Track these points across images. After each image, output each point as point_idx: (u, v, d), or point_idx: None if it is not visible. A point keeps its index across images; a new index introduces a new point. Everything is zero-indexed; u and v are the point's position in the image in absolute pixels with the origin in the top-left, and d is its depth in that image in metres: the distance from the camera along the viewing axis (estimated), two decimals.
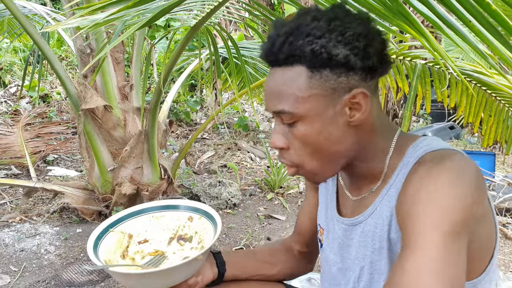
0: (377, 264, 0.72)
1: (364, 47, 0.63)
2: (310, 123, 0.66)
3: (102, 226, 0.86)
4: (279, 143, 0.69)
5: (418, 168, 0.65)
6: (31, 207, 2.51)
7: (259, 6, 1.66)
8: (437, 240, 0.54)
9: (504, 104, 2.04)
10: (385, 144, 0.71)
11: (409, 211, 0.60)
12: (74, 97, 2.10)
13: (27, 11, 2.66)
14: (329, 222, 0.84)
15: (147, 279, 0.73)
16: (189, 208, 0.93)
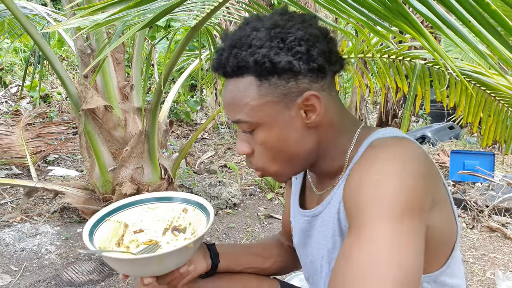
0: (333, 252, 0.74)
1: (306, 50, 0.64)
2: (267, 129, 0.68)
3: (98, 215, 0.88)
4: (243, 150, 0.72)
5: (363, 155, 0.66)
6: (31, 207, 2.52)
7: (259, 6, 1.67)
8: (383, 228, 0.53)
9: (503, 104, 2.04)
10: (346, 140, 0.72)
11: (355, 199, 0.60)
12: (74, 97, 2.11)
13: (28, 11, 2.67)
14: (295, 218, 0.87)
15: (138, 265, 0.74)
16: (184, 200, 0.95)
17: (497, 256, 2.05)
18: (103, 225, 0.87)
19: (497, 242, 2.19)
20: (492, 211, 2.45)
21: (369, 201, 0.57)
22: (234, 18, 2.21)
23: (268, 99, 0.66)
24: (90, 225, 0.84)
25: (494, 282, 1.81)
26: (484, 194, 2.62)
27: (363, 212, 0.57)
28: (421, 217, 0.57)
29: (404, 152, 0.61)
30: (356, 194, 0.60)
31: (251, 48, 0.63)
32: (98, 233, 0.85)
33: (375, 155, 0.63)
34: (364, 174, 0.60)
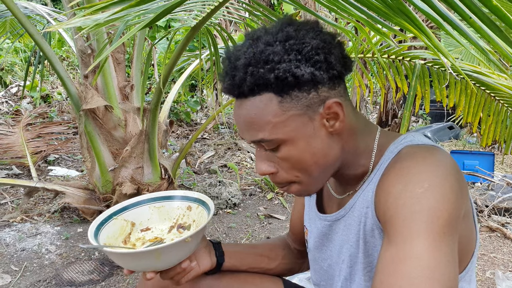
0: (356, 256, 0.73)
1: (325, 58, 0.63)
2: (293, 144, 0.66)
3: (106, 213, 0.89)
4: (267, 170, 0.69)
5: (397, 163, 0.65)
6: (32, 207, 2.52)
7: (259, 6, 1.67)
8: (426, 244, 0.54)
9: (503, 103, 2.04)
10: (367, 145, 0.72)
11: (396, 210, 0.59)
12: (75, 97, 2.11)
13: (28, 11, 2.67)
14: (312, 222, 0.86)
15: (138, 259, 0.76)
16: (187, 198, 0.97)
17: (496, 256, 2.05)
18: (110, 223, 0.89)
19: (497, 242, 2.20)
20: (492, 211, 2.45)
21: (412, 214, 0.57)
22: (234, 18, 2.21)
23: (291, 113, 0.64)
24: (97, 223, 0.86)
25: (493, 282, 1.81)
26: (484, 194, 2.62)
27: (405, 225, 0.57)
28: (456, 229, 0.58)
29: (442, 164, 0.61)
30: (397, 205, 0.59)
31: (268, 64, 0.61)
32: (105, 231, 0.86)
33: (412, 165, 0.62)
34: (406, 185, 0.60)
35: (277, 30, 0.64)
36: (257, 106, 0.64)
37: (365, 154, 0.72)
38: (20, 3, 2.72)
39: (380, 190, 0.65)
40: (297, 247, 1.03)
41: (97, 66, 2.06)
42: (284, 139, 0.65)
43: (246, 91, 0.64)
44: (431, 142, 0.70)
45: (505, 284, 1.76)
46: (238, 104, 0.67)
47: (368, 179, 0.71)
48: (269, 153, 0.68)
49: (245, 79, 0.63)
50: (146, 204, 0.96)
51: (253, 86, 0.63)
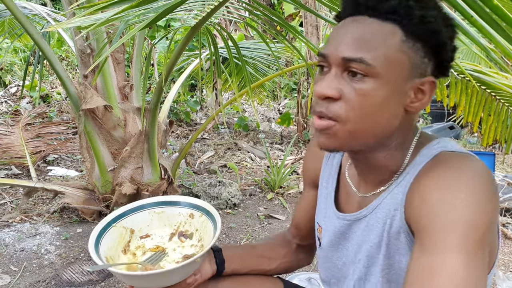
0: (374, 257, 0.72)
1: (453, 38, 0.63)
2: (380, 85, 0.61)
3: (104, 221, 0.87)
4: (331, 91, 0.62)
5: (435, 169, 0.63)
6: (31, 207, 2.51)
7: (259, 5, 1.66)
8: (462, 254, 0.53)
9: (504, 103, 2.04)
10: (408, 142, 0.70)
11: (433, 218, 0.58)
12: (74, 97, 2.10)
13: (28, 11, 2.67)
14: (327, 220, 0.84)
15: (145, 280, 0.75)
16: (190, 205, 0.94)
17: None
18: (109, 232, 0.87)
19: None
20: None
21: (449, 225, 0.56)
22: (234, 18, 2.21)
23: (402, 59, 0.61)
24: (97, 233, 0.84)
25: (494, 282, 1.80)
26: None
27: (440, 235, 0.56)
28: (488, 242, 0.58)
29: (480, 175, 0.60)
30: (434, 214, 0.58)
31: (419, 2, 0.59)
32: (105, 241, 0.84)
33: (451, 173, 0.61)
34: (443, 194, 0.59)
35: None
36: (379, 29, 0.61)
37: (403, 150, 0.70)
38: (20, 3, 2.71)
39: (415, 194, 0.63)
40: (299, 242, 1.01)
41: (96, 66, 2.06)
42: (378, 73, 0.60)
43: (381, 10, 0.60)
44: (465, 149, 0.69)
45: (506, 284, 1.76)
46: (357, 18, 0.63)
47: (397, 180, 0.70)
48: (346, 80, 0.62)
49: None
50: (146, 210, 0.94)
51: (391, 10, 0.60)
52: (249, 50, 2.91)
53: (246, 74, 2.26)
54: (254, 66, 3.03)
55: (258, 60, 3.00)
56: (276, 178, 2.90)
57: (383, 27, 0.60)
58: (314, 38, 4.00)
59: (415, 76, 0.63)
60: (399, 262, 0.69)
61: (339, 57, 0.62)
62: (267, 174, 3.03)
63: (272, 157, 3.59)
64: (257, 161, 3.72)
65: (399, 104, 0.64)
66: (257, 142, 4.22)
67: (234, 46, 2.08)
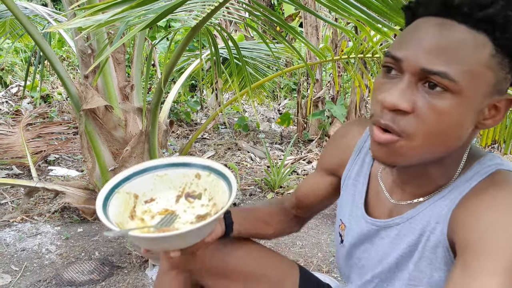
0: (404, 265, 0.71)
1: None
2: (460, 102, 0.55)
3: (106, 188, 0.82)
4: (405, 104, 0.56)
5: (492, 188, 0.60)
6: (32, 206, 2.52)
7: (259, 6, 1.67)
8: (505, 280, 0.51)
9: None
10: (461, 156, 0.66)
11: (481, 240, 0.55)
12: (75, 97, 2.11)
13: (28, 12, 2.67)
14: (353, 220, 0.82)
15: (169, 241, 0.71)
16: (196, 166, 0.89)
17: None
18: (113, 199, 0.82)
19: None
20: None
21: (500, 249, 0.53)
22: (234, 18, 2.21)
23: (488, 75, 0.55)
24: (102, 200, 0.79)
25: None
26: None
27: (488, 257, 0.53)
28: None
29: None
30: (486, 235, 0.55)
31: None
32: (110, 208, 0.79)
33: (507, 195, 0.58)
34: (499, 216, 0.55)
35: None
36: (469, 41, 0.54)
37: (456, 165, 0.66)
38: (21, 3, 2.72)
39: (465, 212, 0.60)
40: (298, 214, 1.02)
41: (97, 66, 2.06)
42: (460, 91, 0.54)
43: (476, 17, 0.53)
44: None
45: None
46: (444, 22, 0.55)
47: (442, 193, 0.67)
48: (418, 92, 0.56)
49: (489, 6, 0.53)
50: (148, 173, 0.88)
51: (487, 19, 0.53)
52: (249, 51, 2.92)
53: (246, 74, 2.26)
54: (254, 66, 3.04)
55: (258, 60, 3.00)
56: (276, 178, 2.90)
57: (473, 37, 0.54)
58: (314, 38, 4.01)
59: (495, 93, 0.58)
60: (429, 277, 0.67)
61: (418, 66, 0.55)
62: (267, 174, 3.04)
63: (272, 157, 3.60)
64: (257, 161, 3.73)
65: (473, 121, 0.59)
66: (257, 142, 4.22)
67: (234, 46, 2.09)
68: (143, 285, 1.74)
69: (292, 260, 1.02)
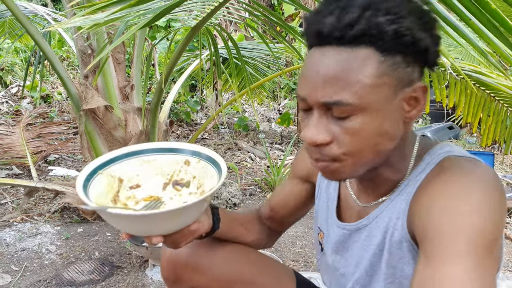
0: (376, 266, 0.72)
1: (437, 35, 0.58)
2: (370, 117, 0.57)
3: (89, 168, 0.76)
4: (322, 138, 0.59)
5: (441, 175, 0.61)
6: (32, 206, 2.52)
7: (259, 6, 1.67)
8: (468, 266, 0.51)
9: (503, 104, 2.04)
10: (409, 150, 0.68)
11: (438, 227, 0.55)
12: (75, 97, 2.11)
13: (28, 12, 2.67)
14: (329, 227, 0.83)
15: (151, 222, 0.67)
16: (185, 152, 0.84)
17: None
18: (96, 180, 0.76)
19: None
20: None
21: (457, 233, 0.53)
22: (234, 18, 2.21)
23: (385, 81, 0.56)
24: (83, 180, 0.73)
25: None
26: None
27: (447, 244, 0.53)
28: (496, 249, 0.56)
29: (488, 180, 0.58)
30: (440, 222, 0.55)
31: (389, 14, 0.54)
32: (92, 189, 0.74)
33: (458, 179, 0.58)
34: (451, 201, 0.56)
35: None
36: (351, 60, 0.55)
37: (405, 160, 0.67)
38: (20, 3, 2.72)
39: (419, 203, 0.61)
40: (270, 225, 1.00)
41: (97, 66, 2.06)
42: (364, 108, 0.56)
43: (349, 36, 0.55)
44: (469, 154, 0.66)
45: (505, 284, 1.76)
46: (322, 52, 0.57)
47: (398, 188, 0.68)
48: (330, 120, 0.59)
49: (357, 22, 0.54)
50: (135, 157, 0.83)
51: (361, 34, 0.54)
52: (249, 51, 2.92)
53: (246, 74, 2.26)
54: (254, 66, 3.04)
55: (258, 60, 3.00)
56: (276, 178, 2.90)
57: (355, 55, 0.55)
58: None
59: (403, 87, 0.59)
60: (401, 271, 0.67)
61: (317, 102, 0.58)
62: (267, 174, 3.04)
63: (272, 157, 3.60)
64: (257, 161, 3.73)
65: (397, 120, 0.61)
66: (257, 142, 4.22)
67: (234, 46, 2.09)
68: (143, 285, 1.74)
69: (288, 266, 1.01)
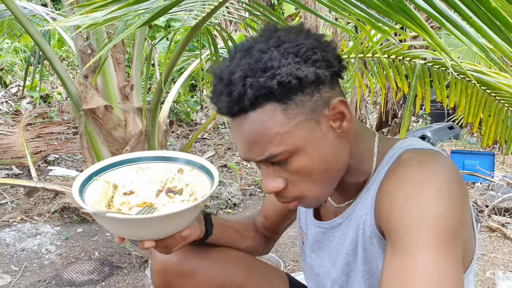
0: (353, 264, 0.72)
1: (322, 56, 0.60)
2: (304, 153, 0.62)
3: (85, 174, 0.79)
4: (277, 186, 0.64)
5: (398, 169, 0.63)
6: (32, 207, 2.52)
7: (259, 6, 1.67)
8: (431, 256, 0.52)
9: (504, 103, 2.04)
10: (368, 150, 0.70)
11: (399, 219, 0.57)
12: (74, 97, 2.11)
13: (28, 11, 2.67)
14: (308, 227, 0.85)
15: (144, 226, 0.69)
16: (179, 160, 0.87)
17: (497, 256, 2.05)
18: (91, 185, 0.79)
19: (497, 242, 2.19)
20: (492, 211, 2.45)
21: (416, 224, 0.55)
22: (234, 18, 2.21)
23: (298, 120, 0.60)
24: (78, 186, 0.76)
25: (494, 282, 1.81)
26: (484, 194, 2.62)
27: (410, 235, 0.55)
28: (461, 237, 0.57)
29: (446, 170, 0.60)
30: (402, 214, 0.57)
31: (267, 71, 0.58)
32: (87, 194, 0.77)
33: (415, 171, 0.60)
34: (409, 192, 0.58)
35: (267, 38, 0.62)
36: (261, 120, 0.60)
37: (367, 160, 0.70)
38: (20, 3, 2.71)
39: (381, 197, 0.63)
40: (265, 232, 1.02)
41: (97, 66, 2.06)
42: (294, 150, 0.61)
43: (247, 105, 0.59)
44: (430, 146, 0.68)
45: (506, 284, 1.76)
46: (237, 122, 0.63)
47: (366, 186, 0.70)
48: (277, 168, 0.64)
49: (245, 92, 0.58)
50: (130, 165, 0.86)
51: (254, 98, 0.58)
52: None
53: None
54: None
55: None
56: None
57: (262, 113, 0.59)
58: None
59: (320, 113, 0.62)
60: (377, 266, 0.69)
61: (255, 160, 0.64)
62: None
63: None
64: None
65: (332, 141, 0.63)
66: None
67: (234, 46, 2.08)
68: (142, 285, 1.74)
69: (281, 270, 1.02)
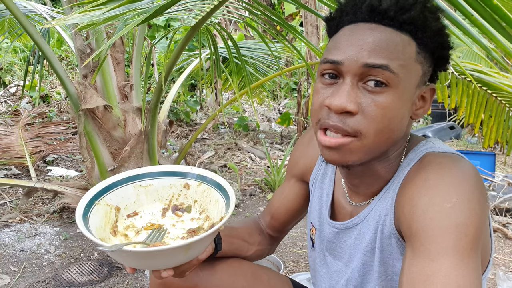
0: (369, 265, 0.72)
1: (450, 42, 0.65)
2: (399, 96, 0.60)
3: (86, 199, 0.73)
4: (352, 105, 0.59)
5: (421, 172, 0.62)
6: (31, 207, 2.51)
7: (259, 5, 1.66)
8: (453, 262, 0.53)
9: (505, 104, 2.03)
10: (402, 147, 0.69)
11: (422, 223, 0.57)
12: (74, 97, 2.10)
13: (27, 11, 2.66)
14: (322, 224, 0.83)
15: (166, 256, 0.64)
16: (185, 175, 0.81)
17: (497, 256, 2.04)
18: (94, 211, 0.73)
19: (498, 242, 2.19)
20: (493, 212, 2.44)
21: (441, 230, 0.55)
22: (233, 17, 2.20)
23: (417, 68, 0.62)
24: (81, 215, 0.70)
25: (495, 282, 1.80)
26: None
27: (432, 241, 0.55)
28: (480, 243, 0.57)
29: (469, 176, 0.60)
30: (424, 219, 0.57)
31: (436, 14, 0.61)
32: (91, 222, 0.71)
33: (438, 176, 0.60)
34: (432, 198, 0.58)
35: None
36: (398, 40, 0.60)
37: (398, 157, 0.69)
38: (19, 2, 2.71)
39: (403, 200, 0.63)
40: (271, 233, 0.99)
41: (96, 65, 2.05)
42: (398, 84, 0.60)
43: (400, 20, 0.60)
44: (451, 149, 0.67)
45: (506, 284, 1.75)
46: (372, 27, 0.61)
47: (388, 185, 0.69)
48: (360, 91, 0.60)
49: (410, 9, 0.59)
50: (130, 183, 0.80)
51: (410, 20, 0.60)
52: (249, 50, 2.91)
53: (246, 74, 2.25)
54: (254, 66, 3.03)
55: (258, 60, 2.99)
56: (276, 178, 2.89)
57: (400, 37, 0.60)
58: (314, 38, 4.00)
59: (422, 83, 0.64)
60: (392, 267, 0.68)
61: (359, 63, 0.59)
62: (267, 174, 3.03)
63: (272, 157, 3.59)
64: (257, 161, 3.72)
65: (409, 113, 0.64)
66: (257, 142, 4.21)
67: (234, 46, 2.08)
68: (142, 286, 1.73)
69: (284, 275, 1.00)
